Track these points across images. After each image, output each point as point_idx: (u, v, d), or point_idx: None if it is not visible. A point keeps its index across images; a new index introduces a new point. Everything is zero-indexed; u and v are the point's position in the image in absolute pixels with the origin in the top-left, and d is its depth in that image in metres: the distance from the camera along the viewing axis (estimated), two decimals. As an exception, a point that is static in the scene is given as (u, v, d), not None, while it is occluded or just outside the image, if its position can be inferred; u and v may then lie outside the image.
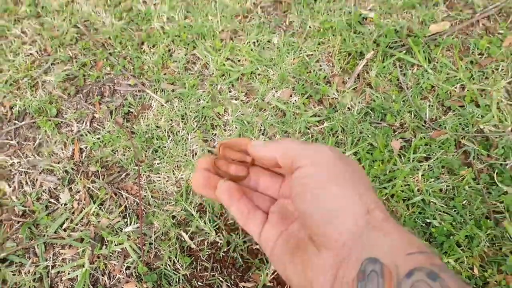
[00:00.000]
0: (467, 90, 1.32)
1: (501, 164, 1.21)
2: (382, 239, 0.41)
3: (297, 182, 0.46)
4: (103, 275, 1.10)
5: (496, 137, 1.26)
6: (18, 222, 1.17)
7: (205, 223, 1.13)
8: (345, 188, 0.44)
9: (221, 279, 1.08)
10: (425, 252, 0.39)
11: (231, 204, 0.53)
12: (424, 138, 1.24)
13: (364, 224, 0.42)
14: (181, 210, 1.16)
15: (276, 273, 1.06)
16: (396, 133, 1.26)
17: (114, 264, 1.10)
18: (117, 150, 1.26)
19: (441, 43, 1.40)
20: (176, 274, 1.08)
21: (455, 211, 1.12)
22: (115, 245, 1.12)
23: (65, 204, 1.18)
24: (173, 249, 1.10)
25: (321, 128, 1.27)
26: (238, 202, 0.53)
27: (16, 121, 1.32)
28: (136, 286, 1.07)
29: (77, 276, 1.09)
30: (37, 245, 1.13)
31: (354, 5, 1.50)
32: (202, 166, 0.57)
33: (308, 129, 1.27)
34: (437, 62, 1.37)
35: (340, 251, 0.42)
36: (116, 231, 1.14)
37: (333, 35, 1.42)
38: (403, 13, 1.48)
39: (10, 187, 1.22)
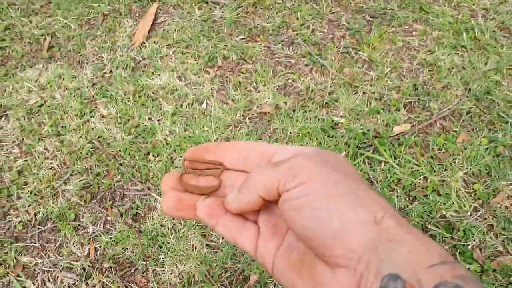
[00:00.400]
0: (430, 181, 1.53)
1: (463, 245, 1.39)
2: (399, 250, 0.37)
3: (288, 206, 0.42)
4: None
5: (457, 221, 1.44)
6: (41, 316, 1.32)
7: (205, 309, 1.28)
8: (344, 202, 0.40)
9: None
10: (447, 262, 0.36)
11: (216, 223, 0.49)
12: (394, 224, 1.43)
13: (376, 236, 0.38)
14: (184, 298, 1.32)
15: None
16: (369, 221, 1.44)
17: None
18: (127, 248, 1.44)
19: (404, 142, 1.63)
20: None
21: (424, 288, 1.28)
22: (126, 333, 1.27)
23: (82, 298, 1.35)
24: (177, 334, 1.25)
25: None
26: (224, 219, 0.49)
27: (40, 226, 1.51)
28: None
29: None
30: (57, 335, 1.28)
31: (326, 113, 1.75)
32: (169, 186, 0.52)
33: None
34: (401, 158, 1.59)
35: (357, 267, 0.38)
36: (127, 320, 1.30)
37: (310, 139, 1.66)
38: (370, 118, 1.73)
39: (34, 284, 1.39)
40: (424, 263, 0.36)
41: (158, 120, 1.76)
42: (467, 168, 1.55)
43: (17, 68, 1.96)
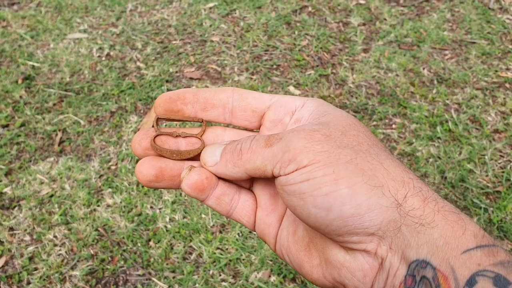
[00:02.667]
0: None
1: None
2: (428, 233, 0.33)
3: (287, 191, 0.37)
4: None
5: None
6: None
7: None
8: (356, 183, 0.34)
9: None
10: (484, 246, 0.32)
11: (206, 198, 0.43)
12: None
13: (399, 217, 0.34)
14: None
15: None
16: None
17: None
18: (128, 330, 1.54)
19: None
20: None
21: None
22: None
23: None
24: None
25: (295, 302, 1.57)
26: (215, 192, 0.43)
27: (47, 310, 1.61)
28: None
29: None
30: None
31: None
32: (142, 148, 0.44)
33: (284, 303, 1.57)
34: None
35: (377, 251, 0.35)
36: None
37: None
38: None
39: None
40: (458, 248, 0.32)
41: (159, 209, 1.91)
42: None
43: (30, 161, 2.14)
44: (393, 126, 2.25)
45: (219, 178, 0.43)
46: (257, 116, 0.44)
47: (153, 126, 0.46)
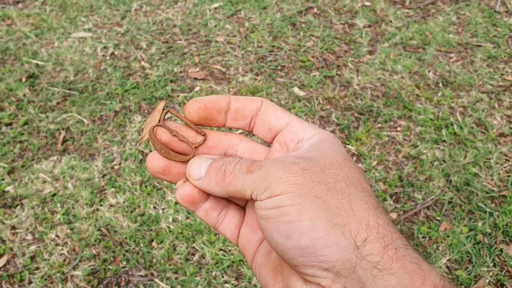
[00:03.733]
0: (415, 267, 1.64)
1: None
2: (386, 279, 0.33)
3: (259, 214, 0.39)
4: None
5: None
6: None
7: None
8: (318, 218, 0.35)
9: None
10: None
11: (196, 209, 0.46)
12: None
13: (355, 259, 0.34)
14: None
15: None
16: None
17: None
18: (130, 331, 1.52)
19: (391, 230, 1.75)
20: None
21: None
22: None
23: None
24: None
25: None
26: (204, 205, 0.46)
27: (48, 310, 1.60)
28: None
29: None
30: None
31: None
32: (162, 140, 0.46)
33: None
34: (388, 246, 1.71)
35: (332, 286, 0.36)
36: None
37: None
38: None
39: None
40: None
41: (162, 209, 1.90)
42: (449, 255, 1.67)
43: (33, 160, 2.13)
44: (398, 128, 2.24)
45: (208, 194, 0.46)
46: (272, 134, 0.47)
47: (159, 121, 0.47)
